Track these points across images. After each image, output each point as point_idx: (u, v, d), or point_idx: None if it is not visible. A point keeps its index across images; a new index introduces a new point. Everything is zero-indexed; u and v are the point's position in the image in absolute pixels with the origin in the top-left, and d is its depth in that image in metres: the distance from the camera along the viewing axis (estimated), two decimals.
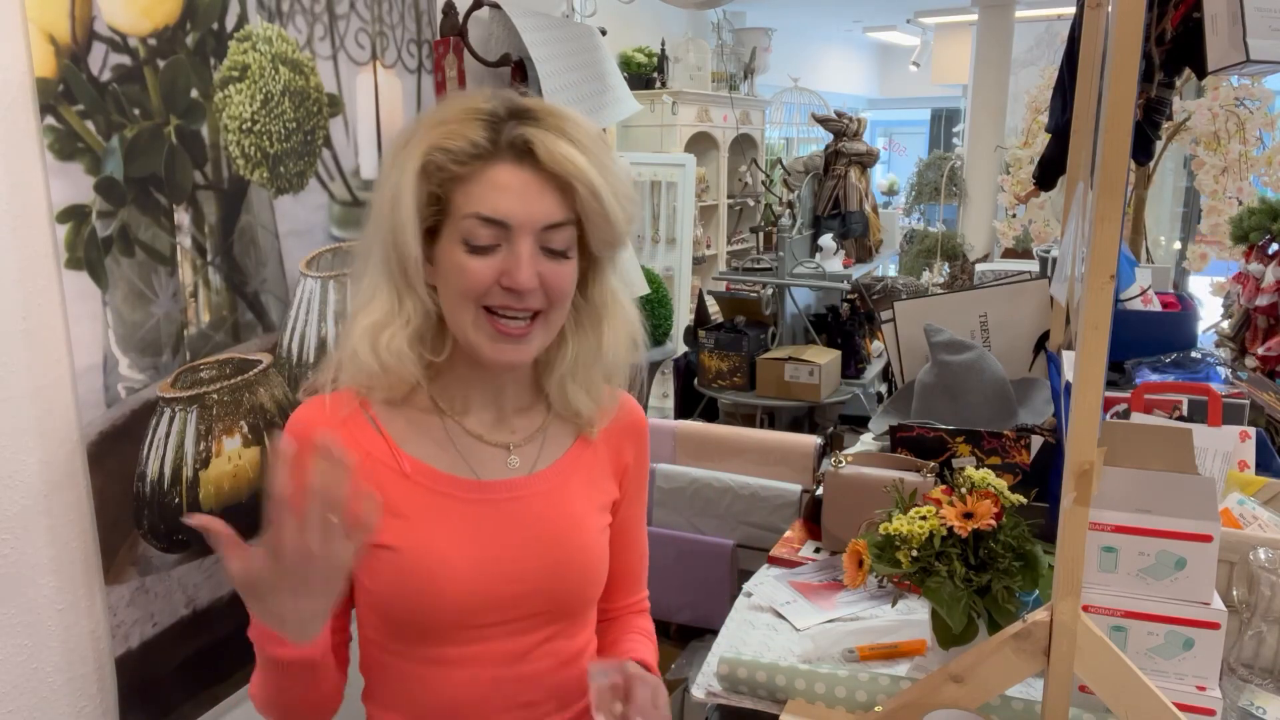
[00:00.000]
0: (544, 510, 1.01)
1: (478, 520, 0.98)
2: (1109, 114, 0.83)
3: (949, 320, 2.08)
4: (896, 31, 8.53)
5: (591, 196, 0.91)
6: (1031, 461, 1.61)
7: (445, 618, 0.96)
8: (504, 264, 0.91)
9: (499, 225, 0.90)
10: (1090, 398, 0.87)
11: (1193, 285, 4.98)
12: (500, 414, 1.03)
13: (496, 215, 0.90)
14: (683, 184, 4.61)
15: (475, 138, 0.91)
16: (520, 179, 0.91)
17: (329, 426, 0.96)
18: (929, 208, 7.19)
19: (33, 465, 1.13)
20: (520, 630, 1.00)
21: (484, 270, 0.91)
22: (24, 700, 1.15)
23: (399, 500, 0.97)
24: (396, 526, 0.95)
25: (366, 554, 0.95)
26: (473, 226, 0.90)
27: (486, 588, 0.97)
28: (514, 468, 1.02)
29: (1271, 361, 2.36)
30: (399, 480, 0.97)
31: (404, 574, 0.95)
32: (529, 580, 0.99)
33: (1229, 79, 3.85)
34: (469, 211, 0.91)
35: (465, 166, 0.91)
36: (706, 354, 3.56)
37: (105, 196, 1.17)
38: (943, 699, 0.97)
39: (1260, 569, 1.13)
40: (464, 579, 0.96)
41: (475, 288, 0.91)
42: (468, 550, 0.97)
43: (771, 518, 2.15)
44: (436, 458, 0.99)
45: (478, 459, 1.01)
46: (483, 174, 0.91)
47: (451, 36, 1.80)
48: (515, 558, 0.98)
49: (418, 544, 0.96)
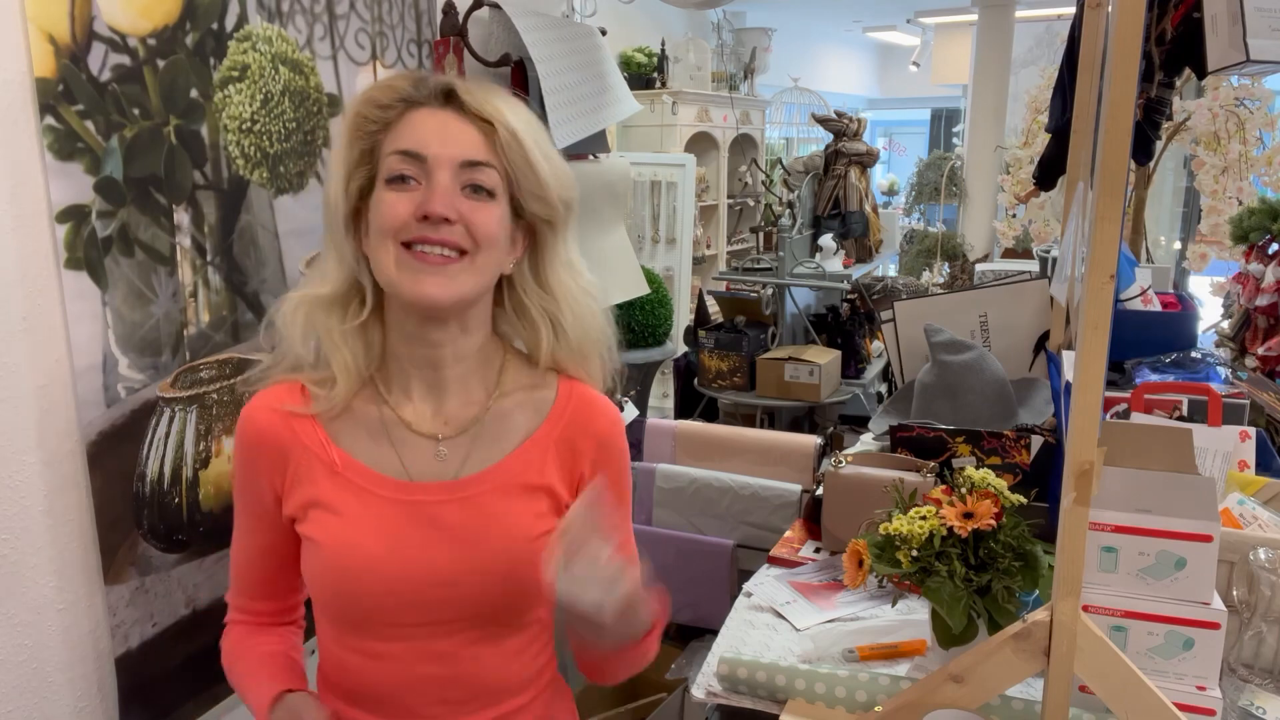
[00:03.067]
0: (472, 516, 0.98)
1: (403, 520, 0.97)
2: (1109, 114, 0.83)
3: (949, 320, 2.07)
4: (896, 31, 8.52)
5: (512, 138, 0.94)
6: (1031, 461, 1.61)
7: (364, 614, 0.97)
8: (422, 197, 0.92)
9: (417, 159, 0.92)
10: (1090, 398, 0.87)
11: (1193, 285, 4.98)
12: (438, 403, 1.01)
13: (414, 148, 0.92)
14: (683, 184, 4.61)
15: (401, 88, 0.95)
16: (440, 118, 0.94)
17: (271, 414, 0.99)
18: (929, 208, 7.18)
19: (33, 465, 1.13)
20: (445, 632, 0.98)
21: (401, 201, 0.92)
22: (24, 700, 1.15)
23: (328, 494, 0.97)
24: (324, 520, 0.97)
25: (304, 545, 0.99)
26: (393, 162, 0.92)
27: (407, 588, 0.96)
28: (442, 461, 0.99)
29: (1271, 361, 2.36)
30: (330, 474, 0.98)
31: (327, 568, 0.96)
32: (450, 586, 0.97)
33: (1229, 79, 3.85)
34: (390, 150, 0.93)
35: (389, 111, 0.94)
36: (706, 354, 3.56)
37: (105, 196, 1.17)
38: (943, 699, 0.97)
39: (1260, 569, 1.13)
40: (383, 578, 0.95)
41: (393, 219, 0.91)
42: (386, 547, 0.96)
43: (771, 518, 2.14)
44: (368, 451, 0.99)
45: (409, 452, 0.99)
46: (406, 117, 0.94)
47: (451, 36, 1.80)
48: (438, 561, 0.96)
49: (341, 540, 0.96)
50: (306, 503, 0.98)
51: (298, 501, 0.98)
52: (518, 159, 0.94)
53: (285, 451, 0.98)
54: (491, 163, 0.94)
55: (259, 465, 0.99)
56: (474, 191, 0.93)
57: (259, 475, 0.99)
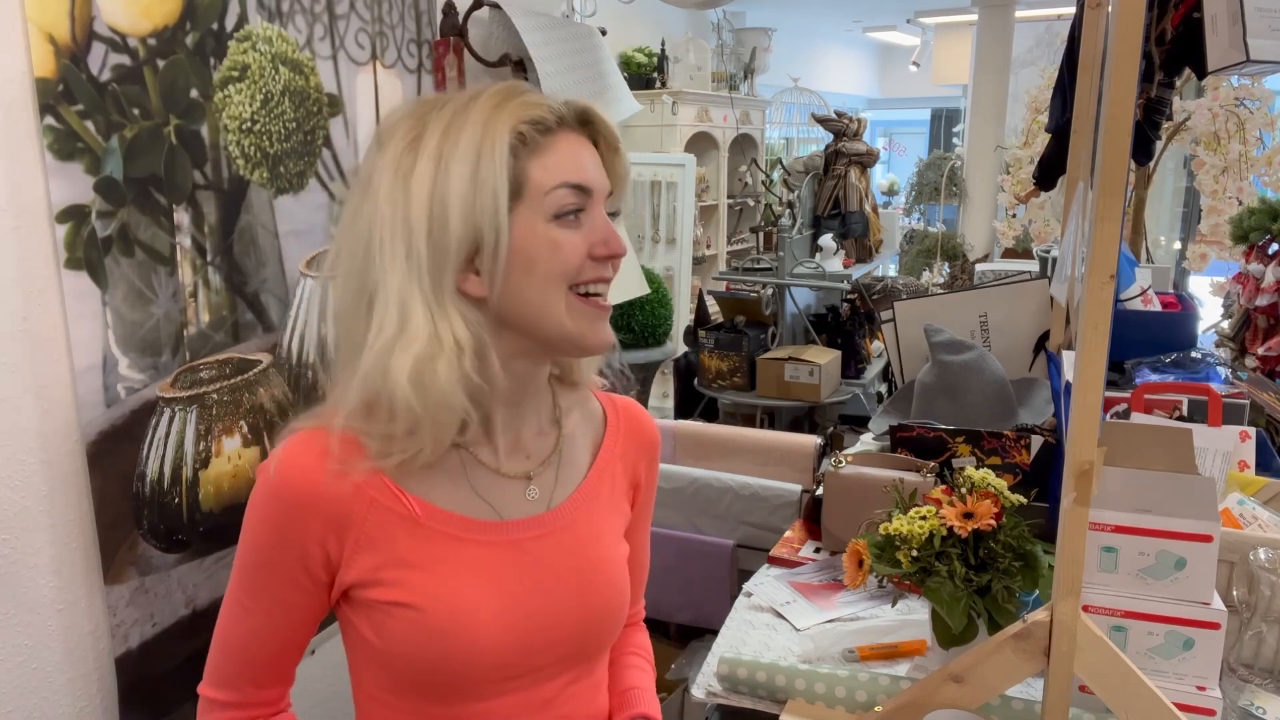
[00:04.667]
0: (571, 547, 0.92)
1: (503, 565, 0.88)
2: (1109, 114, 0.83)
3: (949, 320, 2.07)
4: (896, 31, 8.52)
5: (628, 169, 0.91)
6: (1031, 461, 1.61)
7: (475, 675, 0.87)
8: (589, 235, 0.85)
9: (585, 193, 0.85)
10: (1090, 398, 0.87)
11: (1193, 285, 4.99)
12: (517, 439, 0.93)
13: (584, 181, 0.85)
14: (683, 184, 4.61)
15: (549, 104, 0.86)
16: (587, 146, 0.88)
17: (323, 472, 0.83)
18: (929, 208, 7.18)
19: (33, 465, 1.13)
20: (547, 677, 0.92)
21: (578, 243, 0.84)
22: (24, 700, 1.15)
23: (413, 550, 0.86)
24: (414, 581, 0.85)
25: (377, 612, 0.86)
26: (563, 196, 0.83)
27: (518, 639, 0.88)
28: (533, 499, 0.92)
29: (1271, 361, 2.36)
30: (411, 527, 0.86)
31: (428, 634, 0.84)
32: (560, 627, 0.90)
33: (1229, 79, 3.85)
34: (556, 183, 0.83)
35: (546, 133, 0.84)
36: (706, 354, 3.56)
37: (105, 196, 1.17)
38: (943, 699, 0.97)
39: (1260, 569, 1.13)
40: (495, 633, 0.86)
41: (571, 263, 0.84)
42: (496, 600, 0.87)
43: (771, 518, 2.14)
44: (450, 497, 0.88)
45: (496, 494, 0.90)
46: (556, 144, 0.85)
47: (451, 36, 1.80)
48: (546, 604, 0.89)
49: (441, 599, 0.85)
50: (384, 564, 0.85)
51: (369, 565, 0.85)
52: (623, 183, 0.92)
53: (347, 510, 0.84)
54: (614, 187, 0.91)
55: (309, 528, 0.84)
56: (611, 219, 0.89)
57: (307, 539, 0.84)
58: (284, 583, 0.86)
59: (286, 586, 0.86)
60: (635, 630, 1.16)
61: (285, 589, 0.86)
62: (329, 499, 0.83)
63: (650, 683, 1.09)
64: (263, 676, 0.91)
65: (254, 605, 0.88)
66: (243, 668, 0.90)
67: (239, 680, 0.90)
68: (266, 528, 0.85)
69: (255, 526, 0.86)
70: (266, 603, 0.87)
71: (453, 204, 0.80)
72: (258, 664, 0.90)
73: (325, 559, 0.85)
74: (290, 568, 0.85)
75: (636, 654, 1.12)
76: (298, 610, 0.88)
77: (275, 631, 0.89)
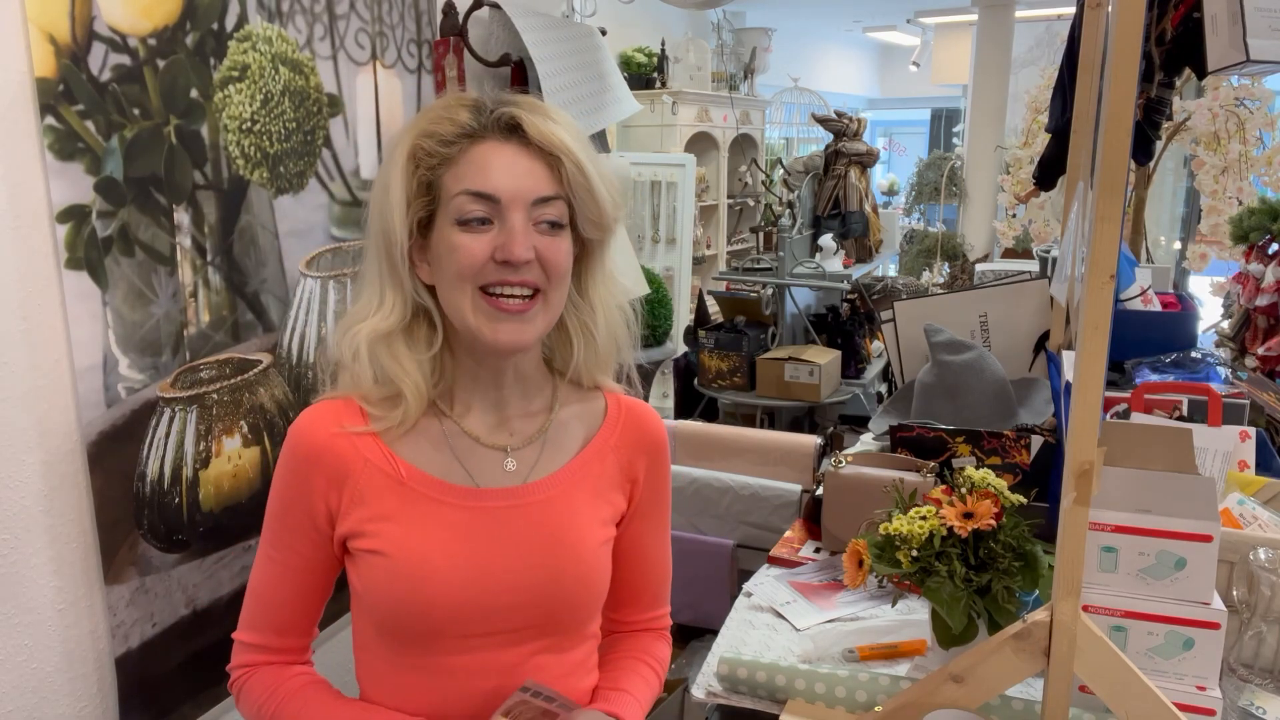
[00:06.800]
0: (541, 520, 0.98)
1: (472, 527, 0.96)
2: (1109, 114, 0.83)
3: (949, 320, 2.08)
4: (896, 31, 8.53)
5: (578, 171, 0.92)
6: (1031, 461, 1.61)
7: (434, 625, 0.94)
8: (497, 239, 0.90)
9: (489, 200, 0.90)
10: (1090, 398, 0.87)
11: (1193, 285, 4.99)
12: (501, 417, 1.01)
13: (486, 189, 0.90)
14: (683, 184, 4.61)
15: (462, 120, 0.92)
16: (508, 154, 0.91)
17: (330, 433, 0.96)
18: (929, 208, 7.18)
19: (33, 465, 1.13)
20: (511, 642, 0.97)
21: (477, 246, 0.90)
22: (24, 700, 1.15)
23: (393, 506, 0.95)
24: (389, 532, 0.94)
25: (360, 561, 0.96)
26: (463, 203, 0.90)
27: (478, 597, 0.95)
28: (510, 471, 0.99)
29: (1271, 361, 2.36)
30: (396, 487, 0.96)
31: (394, 579, 0.94)
32: (522, 591, 0.96)
33: (1229, 79, 3.85)
34: (459, 190, 0.90)
35: (452, 147, 0.91)
36: (706, 354, 3.57)
37: (105, 196, 1.17)
38: (943, 699, 0.97)
39: (1260, 569, 1.13)
40: (454, 587, 0.94)
41: (470, 264, 0.90)
42: (460, 558, 0.95)
43: (771, 518, 2.15)
44: (431, 461, 0.97)
45: (475, 463, 0.99)
46: (470, 153, 0.91)
47: (451, 36, 1.80)
48: (508, 568, 0.96)
49: (409, 550, 0.94)
50: (369, 518, 0.95)
51: (359, 518, 0.95)
52: (582, 190, 0.93)
53: (345, 467, 0.95)
54: (560, 195, 0.93)
55: (314, 482, 0.96)
56: (549, 228, 0.92)
57: (313, 492, 0.96)
58: (297, 533, 0.98)
59: (299, 536, 0.98)
60: (655, 639, 1.15)
61: (298, 539, 0.98)
62: (331, 456, 0.95)
63: (646, 693, 1.08)
64: (285, 624, 1.02)
65: (274, 554, 0.99)
66: (267, 614, 1.01)
67: (263, 625, 1.02)
68: (282, 481, 0.98)
69: (276, 480, 0.99)
70: (284, 552, 0.99)
71: (373, 206, 0.95)
72: (281, 611, 1.01)
73: (327, 512, 0.96)
74: (300, 519, 0.97)
75: (646, 661, 1.12)
76: (310, 559, 0.99)
77: (292, 578, 0.99)
